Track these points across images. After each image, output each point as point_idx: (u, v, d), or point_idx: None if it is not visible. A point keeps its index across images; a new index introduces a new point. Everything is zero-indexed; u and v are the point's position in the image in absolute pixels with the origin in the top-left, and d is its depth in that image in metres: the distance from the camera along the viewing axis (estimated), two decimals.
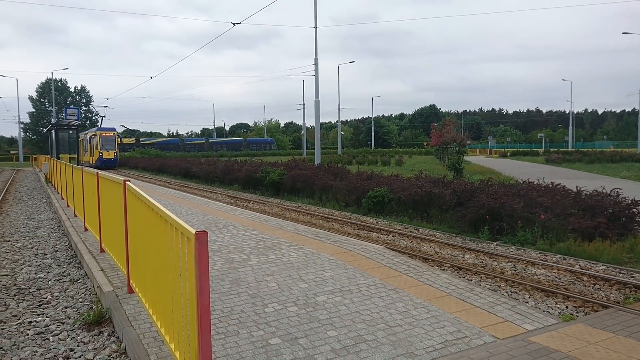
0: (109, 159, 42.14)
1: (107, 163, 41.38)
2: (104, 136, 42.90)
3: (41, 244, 9.83)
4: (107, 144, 42.63)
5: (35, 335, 5.00)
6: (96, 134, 42.92)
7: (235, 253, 7.16)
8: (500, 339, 4.21)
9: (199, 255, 2.90)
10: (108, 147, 42.56)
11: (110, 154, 42.44)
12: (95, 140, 42.71)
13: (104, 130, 43.69)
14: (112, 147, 42.88)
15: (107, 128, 45.25)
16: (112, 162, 42.50)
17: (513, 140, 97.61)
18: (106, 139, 42.79)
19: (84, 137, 46.15)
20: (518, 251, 8.89)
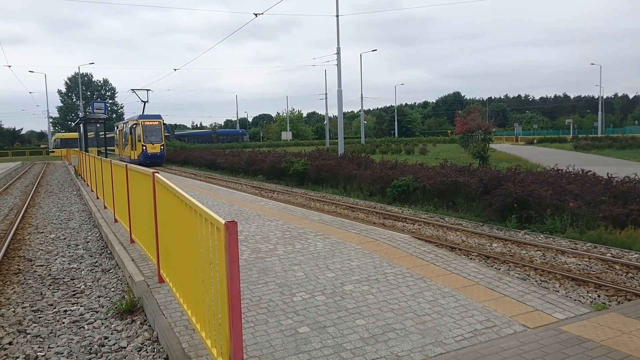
0: (154, 153, 33.81)
1: (152, 159, 33.47)
2: (148, 125, 34.27)
3: (73, 235, 10.08)
4: (151, 135, 34.15)
5: (71, 324, 5.15)
6: (138, 122, 34.30)
7: (262, 243, 7.22)
8: (531, 328, 4.16)
9: (229, 245, 2.93)
10: (153, 138, 34.06)
11: (155, 148, 33.93)
12: (137, 131, 34.36)
13: (147, 118, 34.78)
14: (157, 138, 34.30)
15: (152, 115, 35.49)
16: (158, 157, 34.32)
17: (540, 127, 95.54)
18: (151, 129, 34.33)
19: (123, 128, 39.42)
20: (547, 239, 8.75)
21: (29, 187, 21.84)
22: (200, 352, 3.78)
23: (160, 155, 34.61)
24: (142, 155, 33.58)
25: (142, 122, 34.09)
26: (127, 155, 36.62)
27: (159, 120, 35.16)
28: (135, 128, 34.76)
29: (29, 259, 8.20)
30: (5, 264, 7.76)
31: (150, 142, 33.81)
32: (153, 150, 33.81)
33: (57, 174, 30.45)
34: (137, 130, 34.35)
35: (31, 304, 5.86)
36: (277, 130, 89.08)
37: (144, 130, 33.90)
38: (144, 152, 33.60)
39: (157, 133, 34.66)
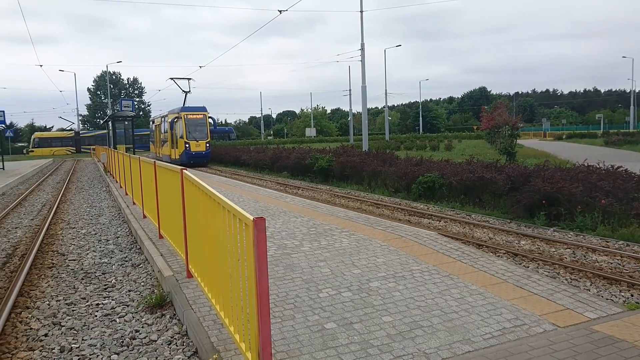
0: (198, 152, 29.23)
1: (196, 158, 29.14)
2: (192, 119, 29.59)
3: (103, 231, 10.31)
4: (195, 131, 29.50)
5: (103, 317, 5.28)
6: (180, 115, 29.59)
7: (288, 239, 7.27)
8: (561, 327, 4.09)
9: (257, 241, 2.97)
10: (197, 134, 29.49)
11: (200, 145, 29.32)
12: (178, 126, 29.71)
13: (190, 111, 30.05)
14: (202, 134, 29.76)
15: (195, 107, 30.67)
16: (203, 156, 29.84)
17: (569, 122, 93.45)
18: (194, 124, 29.63)
19: (161, 122, 34.58)
20: (577, 237, 8.58)
21: (60, 183, 22.41)
22: (228, 347, 3.84)
23: (206, 154, 29.89)
24: (184, 154, 28.95)
25: (184, 115, 29.21)
26: (166, 154, 31.99)
27: (204, 113, 30.13)
28: (176, 122, 29.81)
29: (61, 253, 8.43)
30: (40, 258, 8.00)
31: (194, 138, 29.03)
32: (197, 149, 29.09)
33: (86, 170, 31.16)
34: (179, 125, 29.55)
35: (65, 297, 6.03)
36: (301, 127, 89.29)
37: (187, 125, 29.19)
38: (187, 151, 28.91)
39: (202, 128, 29.83)
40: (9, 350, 4.54)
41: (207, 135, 30.04)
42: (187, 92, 33.06)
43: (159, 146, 36.08)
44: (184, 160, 28.40)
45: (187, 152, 29.00)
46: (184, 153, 29.08)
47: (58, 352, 4.46)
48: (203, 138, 29.71)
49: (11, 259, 8.11)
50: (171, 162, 26.71)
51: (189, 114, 29.60)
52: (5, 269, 7.44)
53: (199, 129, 29.80)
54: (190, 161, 28.38)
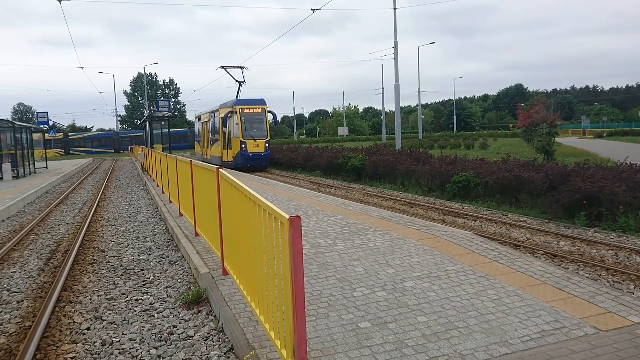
0: (256, 154, 24.81)
1: (254, 161, 24.85)
2: (249, 114, 25.15)
3: (141, 228, 10.58)
4: (253, 128, 25.10)
5: (142, 312, 5.42)
6: (234, 110, 25.15)
7: (321, 238, 7.29)
8: (603, 330, 3.97)
9: (292, 239, 2.99)
10: (255, 132, 25.08)
11: (258, 145, 24.90)
12: (232, 122, 25.37)
13: (247, 104, 25.57)
14: (261, 132, 25.38)
15: (253, 100, 26.25)
16: (262, 159, 25.32)
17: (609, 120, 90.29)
18: (252, 119, 25.21)
19: (210, 118, 29.88)
20: (620, 238, 8.30)
21: (99, 182, 23.09)
22: (264, 343, 3.88)
23: (265, 156, 25.15)
24: (239, 156, 24.56)
25: (239, 110, 24.74)
26: (216, 156, 27.67)
27: (263, 107, 25.51)
28: (229, 118, 25.18)
29: (102, 250, 8.69)
30: (82, 255, 8.26)
31: (251, 137, 24.50)
32: (255, 149, 24.53)
33: (124, 169, 32.00)
34: (233, 121, 25.05)
35: (105, 293, 6.22)
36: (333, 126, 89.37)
37: (243, 121, 24.65)
38: (243, 152, 24.39)
39: (260, 124, 25.31)
40: (54, 342, 4.71)
41: (267, 133, 25.46)
42: (241, 82, 28.18)
43: (206, 146, 31.15)
44: (239, 163, 24.36)
45: (242, 153, 24.51)
46: (239, 155, 24.65)
47: (100, 345, 4.60)
48: (262, 136, 25.13)
49: (55, 254, 8.41)
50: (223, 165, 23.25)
51: (245, 108, 25.01)
52: (50, 265, 7.72)
53: (257, 126, 25.19)
54: (246, 164, 24.18)
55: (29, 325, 5.12)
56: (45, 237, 10.02)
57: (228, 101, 27.08)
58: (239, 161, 24.74)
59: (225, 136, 26.25)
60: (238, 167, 23.96)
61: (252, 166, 24.57)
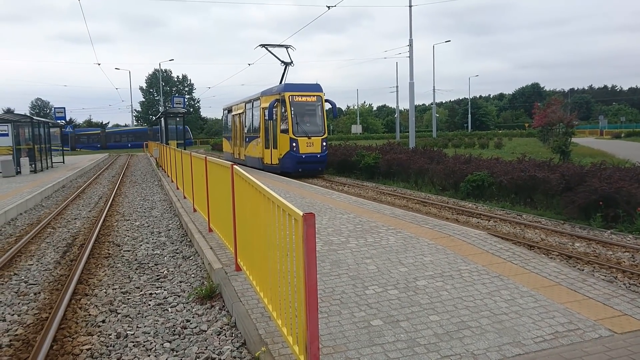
0: (311, 155, 19.41)
1: (307, 164, 19.47)
2: (301, 103, 19.71)
3: (156, 223, 10.68)
4: (306, 121, 19.77)
5: (156, 306, 5.48)
6: (282, 97, 19.52)
7: (334, 235, 7.30)
8: (618, 333, 3.93)
9: (306, 236, 3.00)
10: (309, 127, 19.69)
11: (313, 144, 19.44)
12: (279, 113, 19.77)
13: (299, 90, 19.89)
14: (317, 127, 19.90)
15: (306, 86, 20.42)
16: (317, 161, 19.78)
17: (628, 120, 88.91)
18: (305, 110, 19.92)
19: (246, 110, 23.70)
20: (637, 240, 8.19)
21: (115, 177, 23.35)
22: (276, 339, 3.91)
23: (321, 158, 19.63)
24: (289, 158, 19.10)
25: (289, 97, 19.18)
26: (255, 157, 21.82)
27: (319, 94, 19.94)
28: (275, 108, 19.41)
29: (117, 244, 8.79)
30: (97, 248, 8.38)
31: (304, 133, 19.19)
32: (309, 149, 19.15)
33: (140, 165, 32.30)
34: (280, 112, 19.56)
35: (120, 286, 6.30)
36: (347, 124, 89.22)
37: (294, 112, 19.19)
38: (293, 153, 18.96)
39: (316, 117, 19.90)
40: (70, 334, 4.79)
41: (324, 129, 19.96)
42: (287, 63, 22.38)
43: (239, 144, 25.10)
44: (288, 167, 19.18)
45: (293, 154, 18.97)
46: (287, 157, 19.15)
47: (115, 337, 4.67)
48: (318, 133, 19.58)
49: (71, 248, 8.54)
50: (264, 169, 20.32)
51: (296, 95, 19.39)
52: (66, 258, 7.84)
53: (312, 119, 19.78)
54: (297, 169, 19.04)
55: (45, 317, 5.21)
56: (61, 230, 10.17)
57: (272, 87, 21.08)
58: (288, 164, 19.19)
59: (268, 132, 20.37)
60: (286, 171, 19.10)
61: (306, 170, 19.35)
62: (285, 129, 19.45)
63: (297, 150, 19.09)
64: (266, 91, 21.33)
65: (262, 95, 21.36)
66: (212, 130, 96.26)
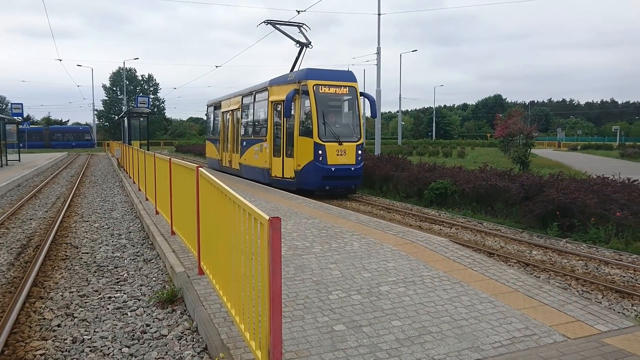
0: (342, 167, 14.40)
1: (337, 180, 14.55)
2: (329, 95, 14.82)
3: (116, 225, 10.42)
4: (336, 121, 15.06)
5: (115, 310, 5.34)
6: (304, 86, 14.57)
7: (299, 240, 7.30)
8: (572, 338, 4.07)
9: (272, 240, 2.99)
10: (340, 129, 14.90)
11: (346, 153, 14.49)
12: (298, 109, 14.74)
13: (325, 78, 14.79)
14: (350, 129, 15.21)
15: (335, 72, 15.46)
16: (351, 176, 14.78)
17: (584, 133, 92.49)
18: (334, 105, 15.40)
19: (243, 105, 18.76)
20: (590, 249, 8.51)
21: (74, 177, 22.67)
22: (238, 344, 3.87)
23: (356, 171, 14.70)
24: (312, 170, 14.18)
25: (313, 87, 14.36)
26: (259, 167, 16.53)
27: (353, 84, 15.18)
28: (293, 102, 14.41)
29: (75, 246, 8.54)
30: (54, 250, 8.11)
31: (334, 136, 14.36)
32: (341, 160, 14.33)
33: (100, 165, 31.48)
34: (300, 107, 14.73)
35: (77, 289, 6.11)
36: None
37: (321, 108, 14.40)
38: (319, 164, 14.08)
39: (350, 116, 15.40)
40: (23, 339, 4.62)
41: (360, 131, 15.07)
42: (305, 44, 17.36)
43: (232, 150, 19.99)
44: (311, 182, 14.29)
45: (318, 165, 14.00)
46: (310, 168, 14.15)
47: (70, 342, 4.52)
48: (352, 137, 14.82)
49: (26, 249, 8.24)
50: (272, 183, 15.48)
51: (323, 85, 14.48)
52: (20, 259, 7.56)
53: (346, 118, 15.42)
54: (324, 185, 14.24)
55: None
56: (16, 231, 9.80)
57: (285, 74, 16.10)
58: (310, 179, 14.22)
59: (279, 134, 15.24)
60: (306, 188, 14.30)
61: (334, 188, 14.54)
62: (308, 130, 14.32)
63: (324, 161, 13.90)
64: (277, 79, 16.08)
65: (270, 84, 16.13)
66: (177, 131, 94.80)
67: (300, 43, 17.53)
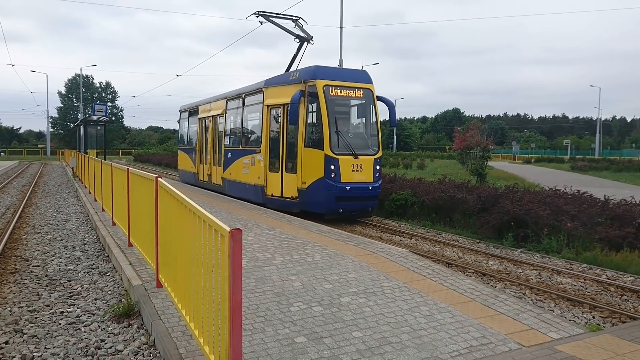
0: (359, 185, 11.80)
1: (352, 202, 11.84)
2: (342, 98, 12.29)
3: (70, 237, 10.07)
4: (350, 130, 12.70)
5: (68, 325, 5.15)
6: (312, 86, 11.89)
7: (260, 252, 7.24)
8: (526, 346, 4.19)
9: (233, 252, 2.97)
10: (355, 139, 12.32)
11: (362, 169, 11.88)
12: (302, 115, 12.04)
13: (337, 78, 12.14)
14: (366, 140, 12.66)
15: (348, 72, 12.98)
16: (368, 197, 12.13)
17: (537, 147, 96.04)
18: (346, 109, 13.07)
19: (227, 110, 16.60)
20: (543, 259, 8.80)
21: (26, 186, 21.80)
22: (197, 358, 3.80)
23: (374, 191, 12.34)
24: (322, 188, 11.69)
25: (323, 88, 11.84)
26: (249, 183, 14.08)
27: (369, 86, 12.75)
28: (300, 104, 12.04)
29: (25, 258, 8.19)
30: (2, 263, 7.76)
31: (348, 147, 11.92)
32: (357, 177, 11.92)
33: (54, 174, 30.41)
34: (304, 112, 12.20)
35: (28, 304, 5.86)
36: None
37: (333, 113, 12.01)
38: (330, 181, 11.60)
39: (365, 124, 13.19)
40: None
41: (378, 144, 12.70)
42: (305, 39, 15.08)
43: (212, 162, 17.60)
44: (320, 204, 11.84)
45: (329, 183, 11.63)
46: (320, 187, 11.77)
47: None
48: (369, 149, 12.53)
49: None
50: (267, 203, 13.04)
51: (335, 86, 12.10)
52: None
53: (361, 127, 13.25)
54: (337, 208, 11.77)
55: None
56: None
57: (286, 73, 14.11)
58: (321, 199, 11.71)
59: (279, 145, 12.83)
60: (314, 210, 11.90)
61: (349, 212, 12.06)
62: (316, 140, 11.79)
63: (337, 178, 11.46)
64: (275, 79, 13.62)
65: (266, 85, 13.62)
66: (135, 140, 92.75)
67: (300, 37, 15.11)
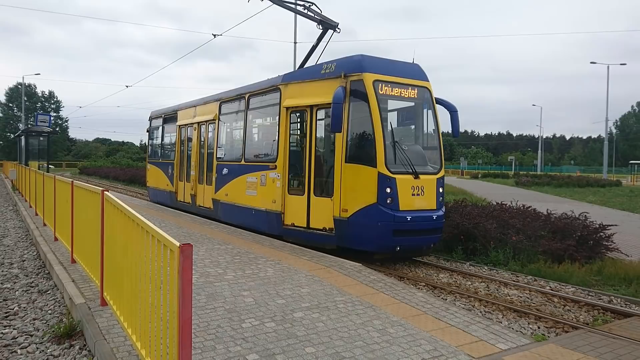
0: (422, 214, 8.56)
1: (413, 236, 8.51)
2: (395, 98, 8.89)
3: (7, 253, 9.53)
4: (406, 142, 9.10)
5: (2, 348, 4.83)
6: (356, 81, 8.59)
7: (211, 267, 7.08)
8: (476, 358, 4.26)
9: (182, 268, 2.87)
10: (415, 155, 8.79)
11: (422, 192, 8.56)
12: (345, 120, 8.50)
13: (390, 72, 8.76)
14: (427, 155, 9.22)
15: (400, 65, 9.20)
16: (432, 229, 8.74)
17: (484, 162, 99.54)
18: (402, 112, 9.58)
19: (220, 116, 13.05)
20: (491, 271, 9.04)
21: None
22: None
23: (438, 220, 8.85)
24: (374, 218, 8.24)
25: (372, 82, 8.48)
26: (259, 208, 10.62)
27: (426, 84, 9.33)
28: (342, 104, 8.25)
29: None
30: None
31: (407, 165, 8.52)
32: (419, 203, 8.57)
33: None
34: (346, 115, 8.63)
35: None
36: None
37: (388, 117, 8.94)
38: (385, 209, 8.21)
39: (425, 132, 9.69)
40: None
41: (440, 158, 9.36)
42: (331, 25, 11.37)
43: (198, 179, 14.32)
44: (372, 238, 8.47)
45: (385, 210, 8.25)
46: (373, 215, 8.33)
47: None
48: (430, 166, 9.25)
49: None
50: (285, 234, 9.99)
51: (387, 81, 8.72)
52: None
53: (419, 136, 9.86)
54: (394, 245, 8.42)
55: None
56: None
57: (317, 65, 10.41)
58: (372, 233, 8.44)
59: (303, 158, 9.82)
60: (363, 246, 8.80)
61: (408, 249, 8.94)
62: (365, 154, 8.66)
63: (395, 204, 8.37)
64: (299, 73, 10.70)
65: (285, 81, 10.49)
66: (81, 152, 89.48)
67: (324, 24, 11.35)
